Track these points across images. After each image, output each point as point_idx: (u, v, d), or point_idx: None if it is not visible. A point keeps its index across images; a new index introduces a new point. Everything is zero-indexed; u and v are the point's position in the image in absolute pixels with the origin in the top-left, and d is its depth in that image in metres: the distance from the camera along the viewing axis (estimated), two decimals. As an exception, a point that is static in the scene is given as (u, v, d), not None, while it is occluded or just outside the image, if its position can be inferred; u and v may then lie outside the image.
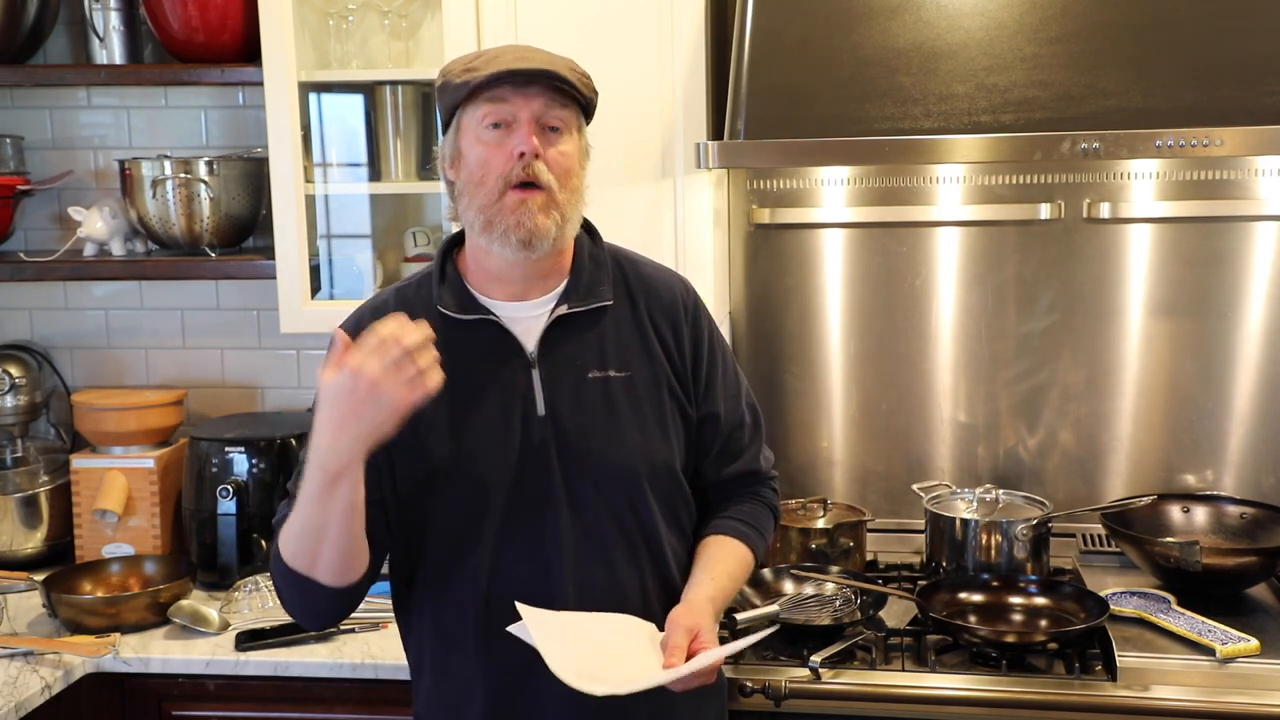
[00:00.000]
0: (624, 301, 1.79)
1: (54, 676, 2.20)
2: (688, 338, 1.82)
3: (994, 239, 2.66)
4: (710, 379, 1.84)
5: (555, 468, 1.71)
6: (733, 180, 2.71)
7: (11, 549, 2.74)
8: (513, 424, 1.71)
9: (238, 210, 2.73)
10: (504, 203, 1.65)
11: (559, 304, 1.74)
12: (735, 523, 1.86)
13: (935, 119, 2.19)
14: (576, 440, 1.72)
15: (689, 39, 2.38)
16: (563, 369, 1.73)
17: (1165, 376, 2.64)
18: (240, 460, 2.61)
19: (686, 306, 1.84)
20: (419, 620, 1.79)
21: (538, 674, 1.60)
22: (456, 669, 1.76)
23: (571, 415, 1.72)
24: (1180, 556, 2.26)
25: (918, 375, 2.72)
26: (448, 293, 1.75)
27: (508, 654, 1.69)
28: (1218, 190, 2.56)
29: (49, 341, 2.98)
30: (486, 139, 1.66)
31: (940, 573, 2.48)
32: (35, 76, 2.79)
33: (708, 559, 1.81)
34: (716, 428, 1.85)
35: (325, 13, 2.64)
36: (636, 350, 1.77)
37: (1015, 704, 2.02)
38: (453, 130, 1.70)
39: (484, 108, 1.65)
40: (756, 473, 1.92)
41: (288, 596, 1.71)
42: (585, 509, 1.72)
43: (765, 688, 2.02)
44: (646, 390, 1.77)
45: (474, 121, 1.66)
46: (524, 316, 1.74)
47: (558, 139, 1.68)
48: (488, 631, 1.71)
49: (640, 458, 1.75)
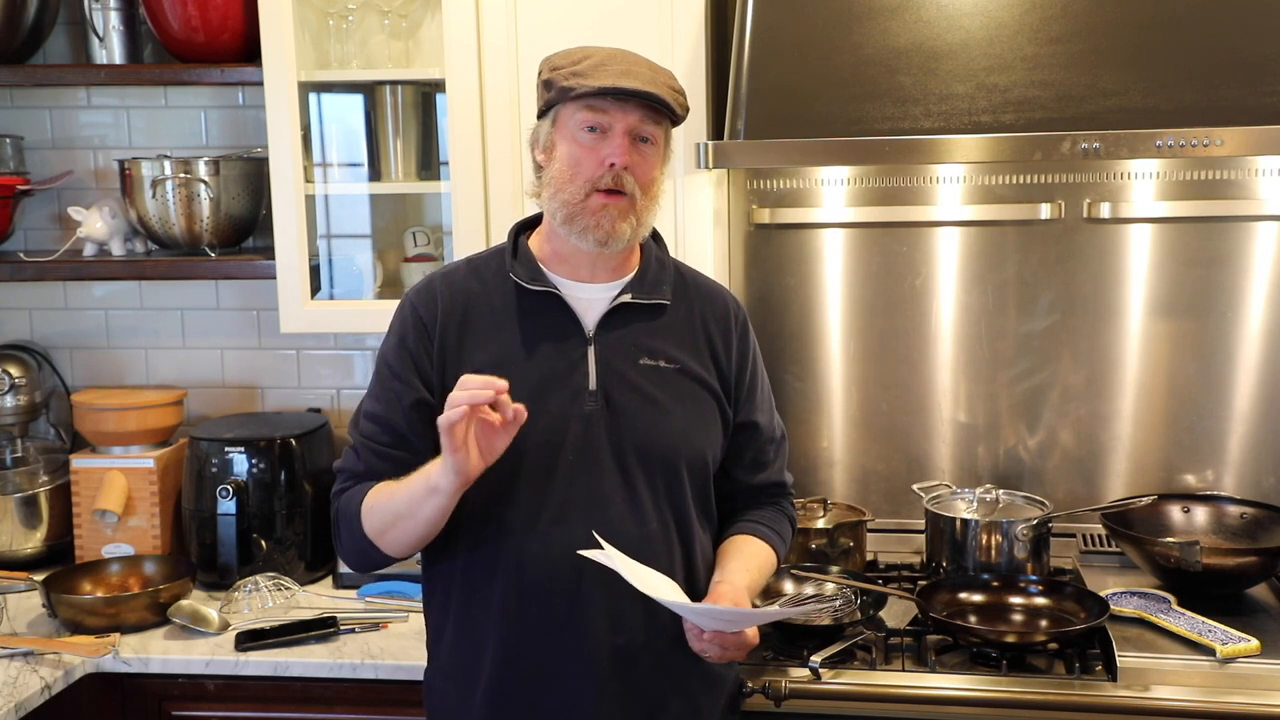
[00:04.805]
0: (681, 304, 1.90)
1: (54, 676, 2.20)
2: (735, 347, 1.92)
3: (994, 239, 2.66)
4: (752, 388, 1.95)
5: (603, 440, 1.79)
6: (733, 180, 2.71)
7: (11, 549, 2.74)
8: (564, 393, 1.79)
9: (238, 210, 2.73)
10: (588, 203, 1.76)
11: (623, 291, 1.84)
12: (762, 526, 1.95)
13: (935, 119, 2.19)
14: (622, 417, 1.80)
15: (689, 39, 2.38)
16: (616, 351, 1.83)
17: (1165, 376, 2.64)
18: (240, 460, 2.61)
19: (738, 319, 1.95)
20: (448, 572, 1.85)
21: (553, 635, 1.76)
22: (476, 624, 1.82)
23: (620, 393, 1.81)
24: (1180, 556, 2.26)
25: (918, 375, 2.72)
26: (519, 265, 1.85)
27: (528, 614, 1.78)
28: (1218, 190, 2.56)
29: (49, 341, 2.98)
30: (582, 140, 1.76)
31: (940, 573, 2.48)
32: (35, 76, 2.79)
33: (740, 553, 1.90)
34: (755, 434, 1.96)
35: (325, 13, 2.64)
36: (688, 348, 1.87)
37: (1015, 704, 2.03)
38: (549, 121, 1.80)
39: (584, 113, 1.75)
40: (781, 484, 2.03)
41: (345, 541, 1.85)
42: (626, 481, 1.80)
43: (765, 688, 2.02)
44: (693, 385, 1.86)
45: (572, 121, 1.76)
46: (588, 297, 1.84)
47: (647, 150, 1.78)
48: (515, 589, 1.78)
49: (681, 443, 1.84)
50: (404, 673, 2.23)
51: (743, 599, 1.79)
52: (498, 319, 1.83)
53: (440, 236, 2.73)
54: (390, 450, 1.82)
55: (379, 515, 1.77)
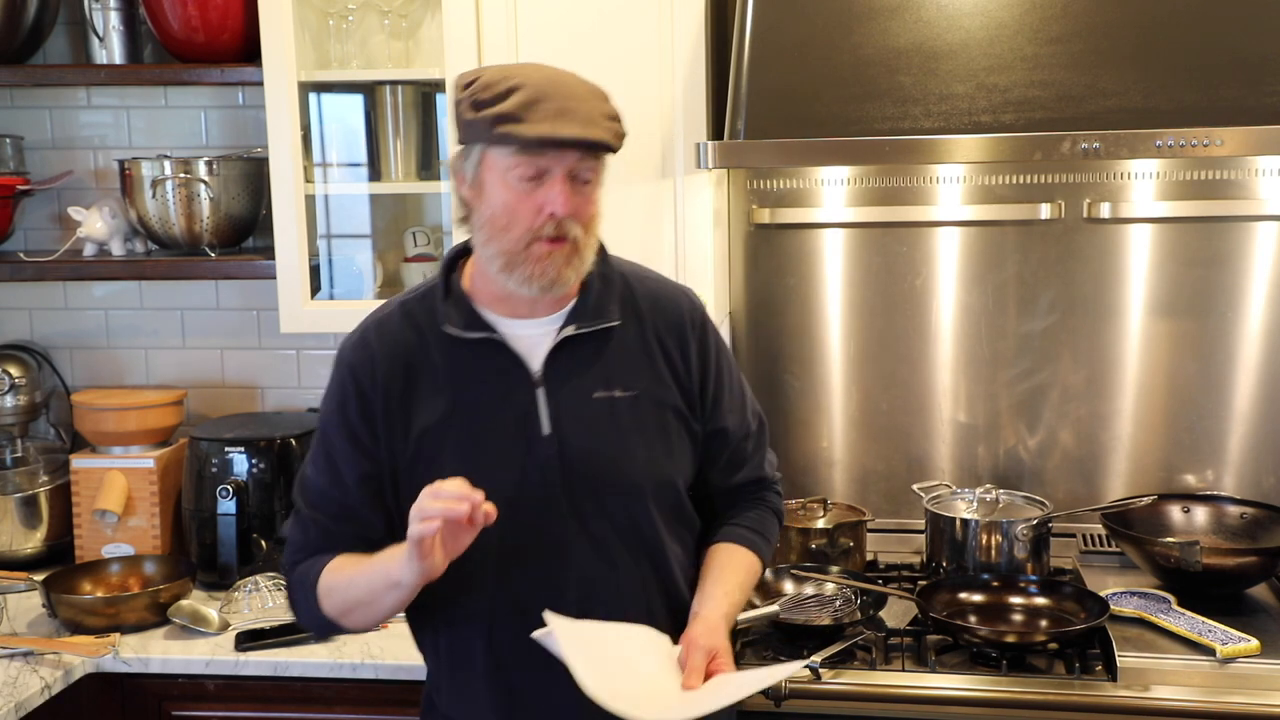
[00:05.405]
0: (631, 321, 1.77)
1: (54, 676, 2.20)
2: (695, 355, 1.80)
3: (994, 239, 2.66)
4: (718, 395, 1.84)
5: (559, 486, 1.70)
6: (733, 180, 2.71)
7: (11, 549, 2.74)
8: (517, 443, 1.70)
9: (238, 210, 2.73)
10: (530, 252, 1.63)
11: (566, 324, 1.72)
12: (743, 530, 1.86)
13: (935, 119, 2.19)
14: (581, 459, 1.70)
15: (689, 39, 2.38)
16: (568, 388, 1.72)
17: (1165, 376, 2.64)
18: (240, 460, 2.61)
19: (694, 323, 1.82)
20: (430, 638, 1.80)
21: (545, 694, 1.66)
22: (467, 687, 1.76)
23: (576, 435, 1.71)
24: (1180, 556, 2.26)
25: (918, 375, 2.72)
26: (453, 309, 1.72)
27: (515, 673, 1.71)
28: (1218, 190, 2.56)
29: (49, 341, 2.98)
30: (516, 188, 1.61)
31: (940, 573, 2.48)
32: (35, 76, 2.79)
33: (719, 570, 1.80)
34: (725, 441, 1.85)
35: (325, 13, 2.64)
36: (643, 369, 1.76)
37: (1015, 704, 2.02)
38: (475, 160, 1.64)
39: (516, 158, 1.60)
40: (762, 479, 1.92)
41: (304, 615, 1.78)
42: (590, 526, 1.71)
43: (765, 688, 2.02)
44: (652, 409, 1.76)
45: (503, 166, 1.61)
46: (530, 335, 1.72)
47: (586, 190, 1.65)
48: (494, 650, 1.72)
49: (645, 475, 1.74)
50: (404, 673, 2.23)
51: (716, 638, 1.67)
52: (438, 376, 1.71)
53: (440, 236, 2.73)
54: (339, 527, 1.74)
55: (339, 598, 1.70)
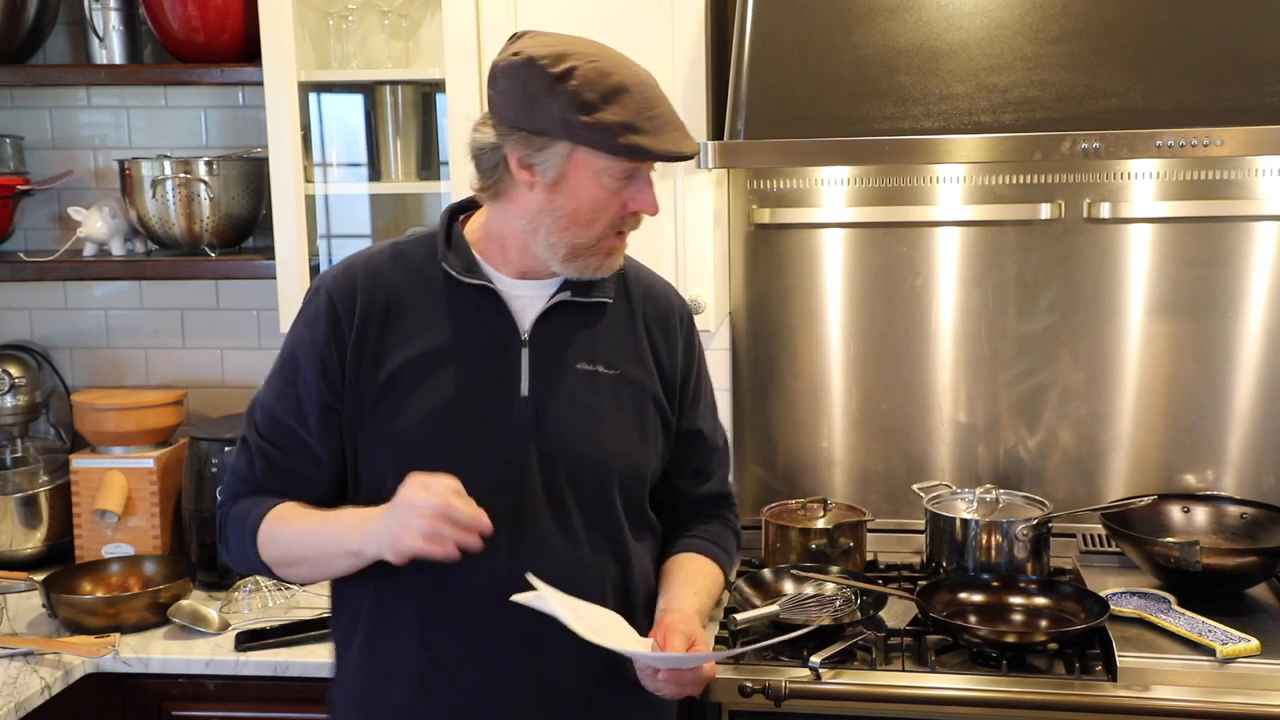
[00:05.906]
0: (623, 302, 1.80)
1: (54, 676, 2.20)
2: (680, 351, 1.82)
3: (994, 239, 2.66)
4: (696, 395, 1.85)
5: (531, 450, 1.69)
6: (733, 180, 2.71)
7: (11, 549, 2.74)
8: (494, 399, 1.69)
9: (238, 210, 2.73)
10: (602, 245, 1.67)
11: (561, 289, 1.73)
12: (706, 543, 1.87)
13: (935, 119, 2.19)
14: (554, 427, 1.70)
15: (689, 39, 2.38)
16: (552, 354, 1.72)
17: (1165, 376, 2.64)
18: (240, 460, 2.61)
19: (682, 318, 1.86)
20: (360, 585, 1.71)
21: (473, 649, 1.66)
22: (390, 640, 1.71)
23: (554, 401, 1.70)
24: (1180, 556, 2.26)
25: (918, 375, 2.72)
26: (453, 255, 1.72)
27: (447, 629, 1.68)
28: (1218, 190, 2.56)
29: (49, 341, 2.98)
30: (608, 187, 1.63)
31: (940, 573, 2.48)
32: (35, 76, 2.79)
33: (687, 574, 1.80)
34: (699, 444, 1.86)
35: (325, 13, 2.64)
36: (629, 352, 1.77)
37: (1015, 704, 2.03)
38: (560, 154, 1.61)
39: (614, 161, 1.60)
40: (726, 495, 1.94)
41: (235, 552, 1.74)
42: (555, 496, 1.70)
43: (765, 688, 2.02)
44: (632, 394, 1.76)
45: (598, 165, 1.61)
46: (524, 294, 1.72)
47: None
48: (431, 603, 1.68)
49: (616, 456, 1.74)
50: (404, 673, 2.23)
51: (694, 625, 1.68)
52: (423, 314, 1.69)
53: (440, 236, 2.73)
54: (287, 461, 1.71)
55: (280, 549, 1.68)
